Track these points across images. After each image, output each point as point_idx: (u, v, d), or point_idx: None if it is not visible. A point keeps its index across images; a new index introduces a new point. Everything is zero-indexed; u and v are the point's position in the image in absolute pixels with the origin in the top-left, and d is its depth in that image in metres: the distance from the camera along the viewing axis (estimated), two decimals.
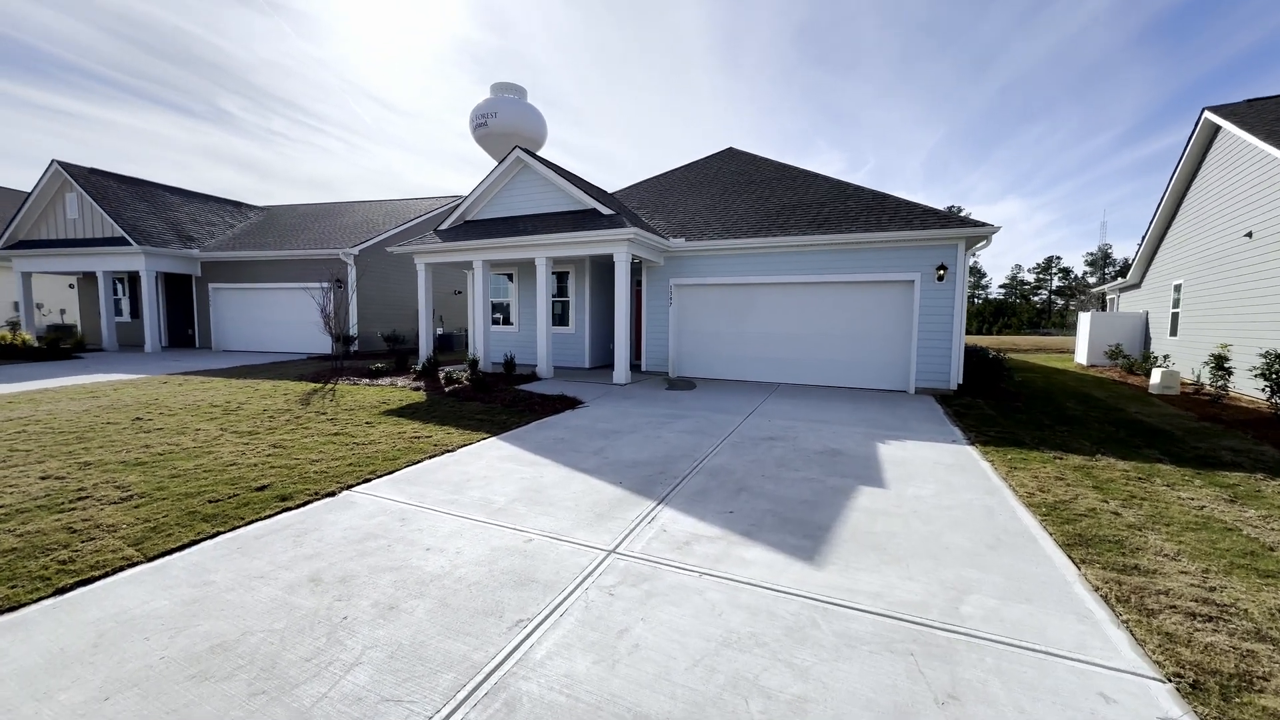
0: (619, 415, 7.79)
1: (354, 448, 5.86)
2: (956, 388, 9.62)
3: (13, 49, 45.32)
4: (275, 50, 68.73)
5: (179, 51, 54.36)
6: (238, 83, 71.28)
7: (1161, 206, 14.47)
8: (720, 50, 68.49)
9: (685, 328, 12.00)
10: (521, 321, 13.76)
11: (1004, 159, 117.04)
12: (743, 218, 11.82)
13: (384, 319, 17.68)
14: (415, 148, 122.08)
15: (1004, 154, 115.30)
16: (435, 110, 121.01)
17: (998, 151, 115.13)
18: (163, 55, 53.52)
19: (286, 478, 4.84)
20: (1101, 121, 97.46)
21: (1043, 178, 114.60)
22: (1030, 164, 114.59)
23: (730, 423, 7.32)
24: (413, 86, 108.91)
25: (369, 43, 78.53)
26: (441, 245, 11.81)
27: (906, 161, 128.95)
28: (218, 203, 21.16)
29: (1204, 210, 12.41)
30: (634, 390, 9.96)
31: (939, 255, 9.57)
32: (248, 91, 74.89)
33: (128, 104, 65.30)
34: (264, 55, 69.31)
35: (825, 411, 8.17)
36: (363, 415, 7.51)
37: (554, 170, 11.38)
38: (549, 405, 8.25)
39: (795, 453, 5.82)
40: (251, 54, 65.40)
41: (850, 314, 10.51)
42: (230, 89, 71.25)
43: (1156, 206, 14.73)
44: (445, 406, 8.21)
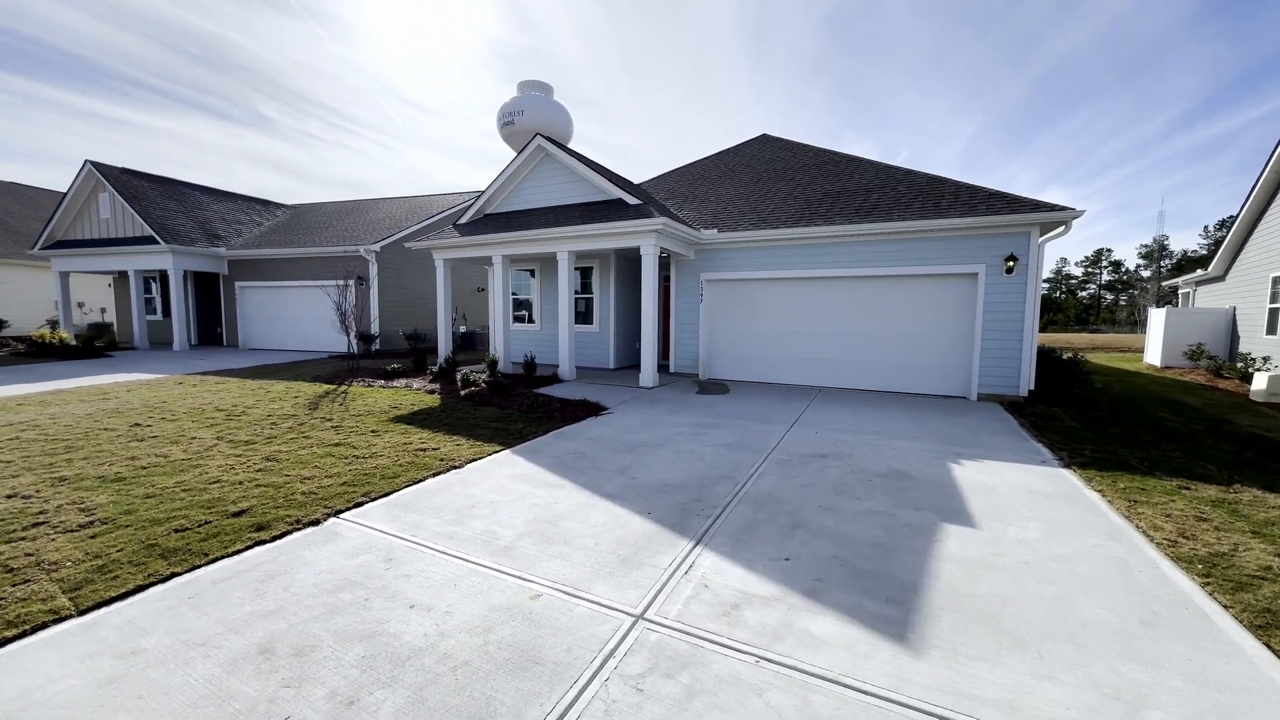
0: (646, 424, 7.03)
1: (352, 462, 5.26)
2: (1027, 394, 8.51)
3: (63, 59, 47.66)
4: (311, 54, 70.64)
5: (219, 59, 56.36)
6: (275, 87, 73.64)
7: (1255, 192, 12.85)
8: (747, 44, 66.88)
9: (717, 326, 11.15)
10: (544, 319, 13.14)
11: (1046, 147, 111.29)
12: (780, 207, 10.88)
13: (406, 317, 17.36)
14: (444, 147, 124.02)
15: (1046, 142, 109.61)
16: (463, 110, 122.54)
17: (1039, 139, 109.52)
18: (204, 62, 55.56)
19: (270, 500, 4.26)
20: (1154, 105, 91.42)
21: (1088, 166, 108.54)
22: (1075, 152, 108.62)
23: (772, 434, 6.48)
24: (442, 87, 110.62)
25: (400, 45, 79.83)
26: (459, 239, 11.26)
27: (941, 152, 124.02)
28: (245, 201, 21.27)
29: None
30: (662, 394, 9.19)
31: (1008, 244, 8.47)
32: (285, 96, 77.35)
33: (171, 110, 68.27)
34: (300, 60, 71.27)
35: (879, 421, 7.24)
36: (370, 422, 6.96)
37: (577, 158, 10.67)
38: (570, 412, 7.56)
39: (854, 475, 4.95)
40: (288, 59, 67.28)
41: (902, 311, 9.49)
42: (268, 94, 73.73)
43: (1248, 193, 13.11)
44: (458, 412, 7.61)
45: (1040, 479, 4.87)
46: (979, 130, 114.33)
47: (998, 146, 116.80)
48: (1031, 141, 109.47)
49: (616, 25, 68.47)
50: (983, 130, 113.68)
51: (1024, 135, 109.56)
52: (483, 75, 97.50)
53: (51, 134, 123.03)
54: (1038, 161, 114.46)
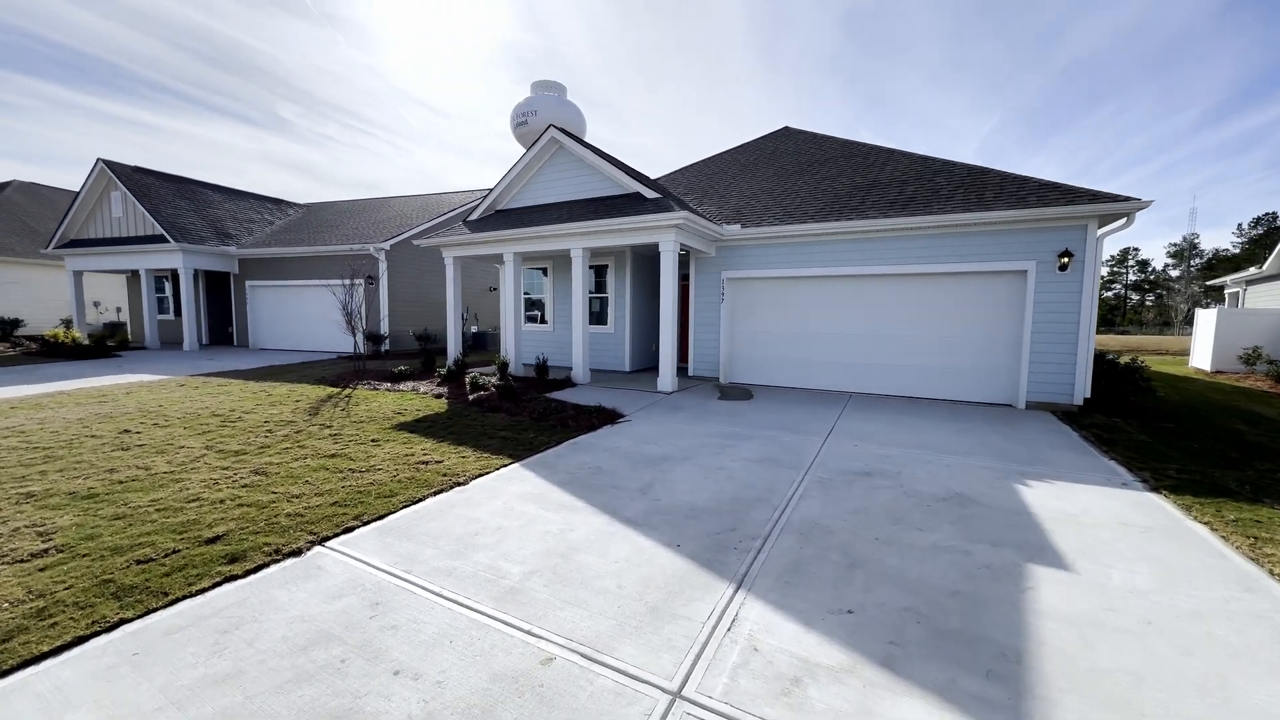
0: (668, 434, 6.48)
1: (348, 477, 4.78)
2: (1082, 403, 7.80)
3: (88, 63, 48.57)
4: (328, 59, 71.41)
5: (238, 63, 57.10)
6: (293, 91, 74.58)
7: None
8: (760, 42, 65.93)
9: (739, 327, 10.56)
10: (556, 320, 12.64)
11: (1066, 144, 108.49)
12: (806, 201, 10.25)
13: (416, 317, 17.00)
14: (458, 149, 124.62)
15: (1066, 139, 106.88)
16: (477, 111, 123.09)
17: (1059, 137, 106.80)
18: (224, 67, 56.34)
19: (250, 524, 3.78)
20: (1180, 100, 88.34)
21: (1111, 163, 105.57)
22: (1097, 149, 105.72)
23: (807, 447, 5.89)
24: (456, 89, 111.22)
25: (415, 48, 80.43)
26: (469, 236, 10.80)
27: (958, 150, 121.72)
28: (257, 200, 21.12)
29: None
30: (682, 400, 8.63)
31: (1061, 238, 7.76)
32: (302, 99, 78.30)
33: (192, 113, 69.37)
34: (318, 64, 72.03)
35: (922, 432, 6.60)
36: (371, 430, 6.50)
37: (592, 151, 10.15)
38: (584, 419, 7.03)
39: (909, 499, 4.35)
40: (306, 63, 68.04)
41: (942, 312, 8.81)
42: (287, 97, 74.64)
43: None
44: (466, 419, 7.12)
45: (1129, 506, 4.21)
46: (998, 127, 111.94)
47: (1018, 143, 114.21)
48: (1052, 138, 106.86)
49: (630, 25, 67.98)
50: (1002, 127, 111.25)
51: (1044, 132, 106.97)
52: (496, 77, 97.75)
53: (75, 137, 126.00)
54: (1059, 158, 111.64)
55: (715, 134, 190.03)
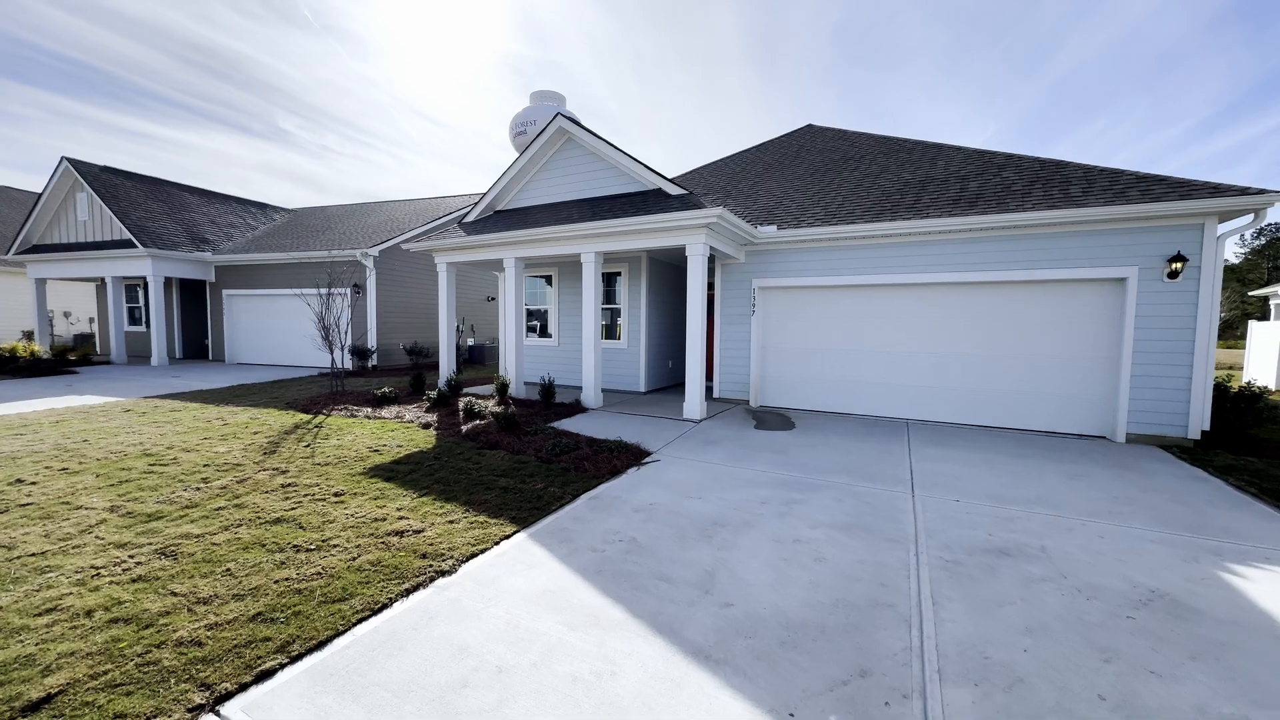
0: (710, 481, 5.14)
1: (288, 560, 3.43)
2: (1200, 436, 6.50)
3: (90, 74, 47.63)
4: (329, 70, 70.80)
5: (241, 75, 56.37)
6: (294, 102, 73.95)
7: None
8: (756, 53, 65.79)
9: (772, 343, 9.26)
10: (562, 333, 11.33)
11: (1062, 154, 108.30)
12: (849, 200, 9.01)
13: (407, 329, 15.68)
14: (458, 159, 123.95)
15: (1061, 150, 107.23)
16: (477, 122, 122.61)
17: (1054, 148, 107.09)
18: (226, 79, 55.65)
19: (113, 665, 2.42)
20: (1172, 113, 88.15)
21: None
22: (1092, 159, 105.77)
23: (896, 504, 4.56)
24: (456, 100, 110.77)
25: (415, 60, 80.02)
26: (465, 240, 9.52)
27: None
28: (240, 204, 19.85)
29: None
30: (714, 430, 7.30)
31: (1170, 239, 6.52)
32: (303, 110, 77.72)
33: (194, 124, 68.62)
34: (319, 76, 71.41)
35: (1024, 478, 5.28)
36: (336, 476, 5.14)
37: (605, 143, 8.91)
38: (604, 459, 5.69)
39: (1090, 602, 3.02)
40: (307, 75, 67.37)
41: (1017, 326, 7.53)
42: (288, 108, 74.03)
43: None
44: (458, 459, 5.77)
45: None
46: (992, 138, 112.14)
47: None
48: (1047, 149, 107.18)
49: (627, 36, 67.74)
50: (996, 137, 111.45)
51: (1039, 144, 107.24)
52: (495, 88, 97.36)
53: (79, 147, 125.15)
54: None
55: (715, 145, 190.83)
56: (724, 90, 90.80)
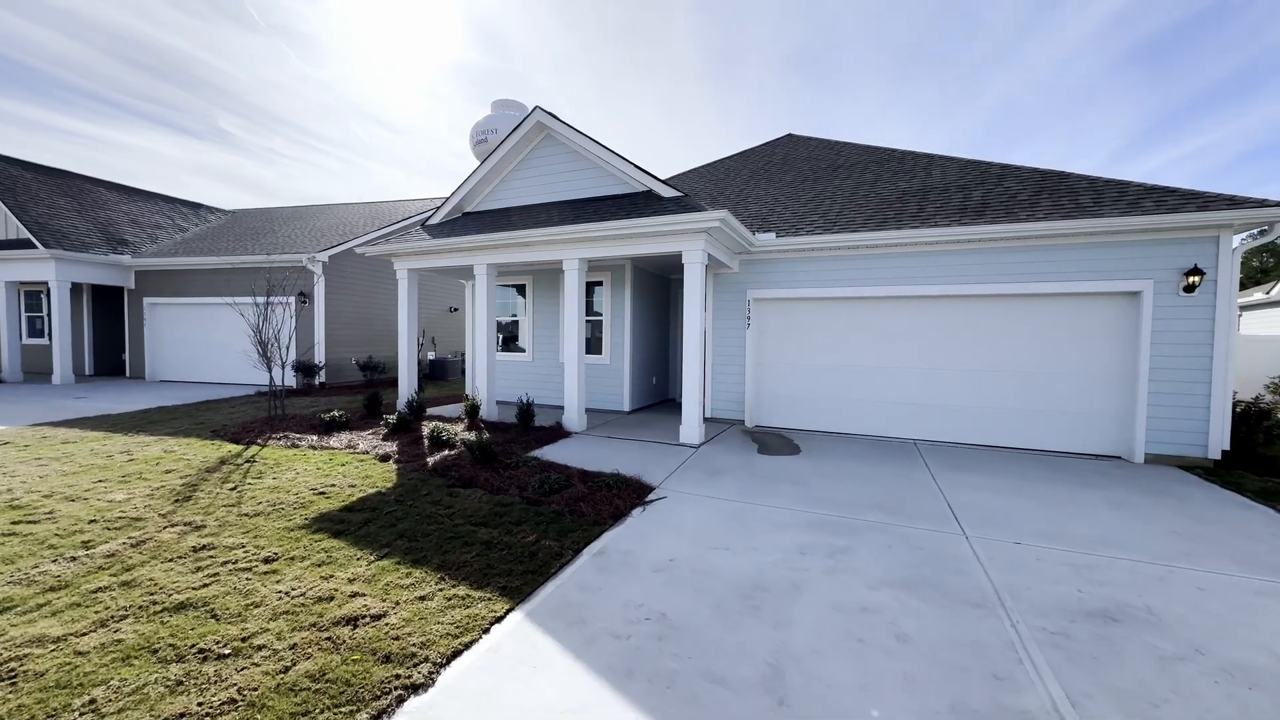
0: (731, 524, 4.38)
1: (191, 675, 2.42)
2: (1220, 456, 6.25)
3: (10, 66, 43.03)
4: (276, 71, 66.97)
5: (177, 72, 52.20)
6: (237, 103, 69.34)
7: None
8: (715, 73, 67.27)
9: (768, 359, 8.65)
10: (536, 347, 10.39)
11: None
12: (847, 208, 8.58)
13: (360, 342, 14.30)
14: (413, 167, 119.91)
15: None
16: (433, 130, 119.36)
17: None
18: (161, 75, 51.42)
19: None
20: (1089, 144, 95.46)
21: None
22: None
23: (953, 551, 3.92)
24: (411, 106, 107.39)
25: (368, 63, 77.04)
26: (430, 243, 8.50)
27: None
28: (168, 203, 17.90)
29: None
30: (716, 457, 6.56)
31: (1186, 252, 6.31)
32: (247, 112, 73.01)
33: (125, 122, 63.02)
34: (264, 76, 67.43)
35: (1067, 509, 4.78)
36: (270, 533, 4.07)
37: (589, 139, 8.14)
38: (601, 498, 4.83)
39: (1259, 697, 2.41)
40: (252, 75, 63.36)
41: (1026, 341, 7.19)
42: (230, 109, 69.21)
43: None
44: (425, 502, 4.77)
45: None
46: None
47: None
48: None
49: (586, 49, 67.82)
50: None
51: None
52: (453, 96, 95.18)
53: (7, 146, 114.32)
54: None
55: (681, 157, 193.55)
56: (686, 108, 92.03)
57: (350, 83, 78.47)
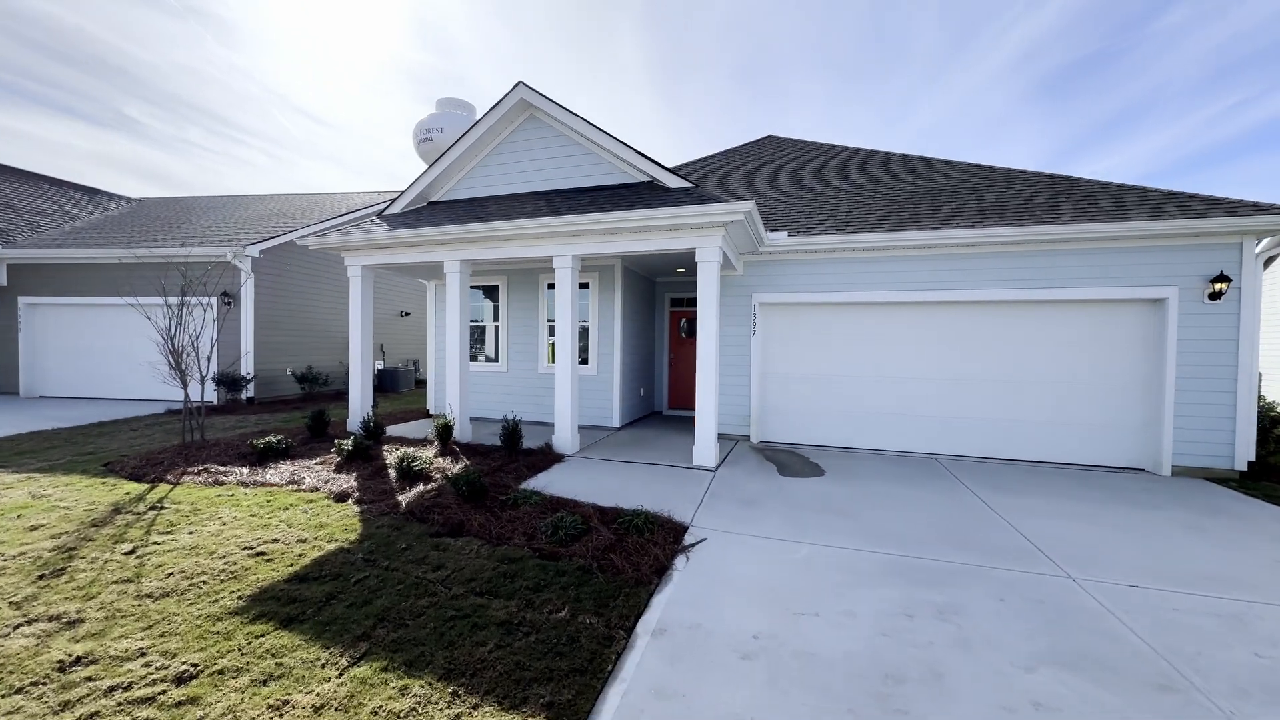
0: (801, 575, 3.57)
1: None
2: (1246, 467, 6.11)
3: None
4: (191, 56, 60.02)
5: (75, 52, 45.43)
6: (145, 88, 61.27)
7: None
8: (662, 83, 68.19)
9: (774, 368, 7.98)
10: (511, 356, 9.25)
11: None
12: (856, 208, 8.09)
13: (297, 350, 12.53)
14: (348, 164, 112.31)
15: None
16: (371, 127, 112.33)
17: None
18: (56, 55, 44.56)
19: None
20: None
21: None
22: None
23: (1077, 603, 3.29)
24: (346, 101, 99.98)
25: (298, 54, 70.95)
26: (391, 235, 7.25)
27: None
28: (54, 185, 15.24)
29: None
30: (739, 482, 5.76)
31: (1209, 258, 6.16)
32: (157, 98, 64.82)
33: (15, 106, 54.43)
34: (177, 61, 60.44)
35: (1158, 541, 4.32)
36: (186, 626, 2.85)
37: (583, 121, 7.20)
38: (632, 545, 3.89)
39: None
40: (163, 58, 56.51)
41: (1046, 349, 6.89)
42: (137, 94, 61.07)
43: None
44: (405, 563, 3.65)
45: None
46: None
47: None
48: None
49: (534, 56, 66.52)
50: None
51: None
52: (393, 92, 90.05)
53: None
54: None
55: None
56: (634, 118, 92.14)
57: (277, 73, 72.65)
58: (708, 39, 47.80)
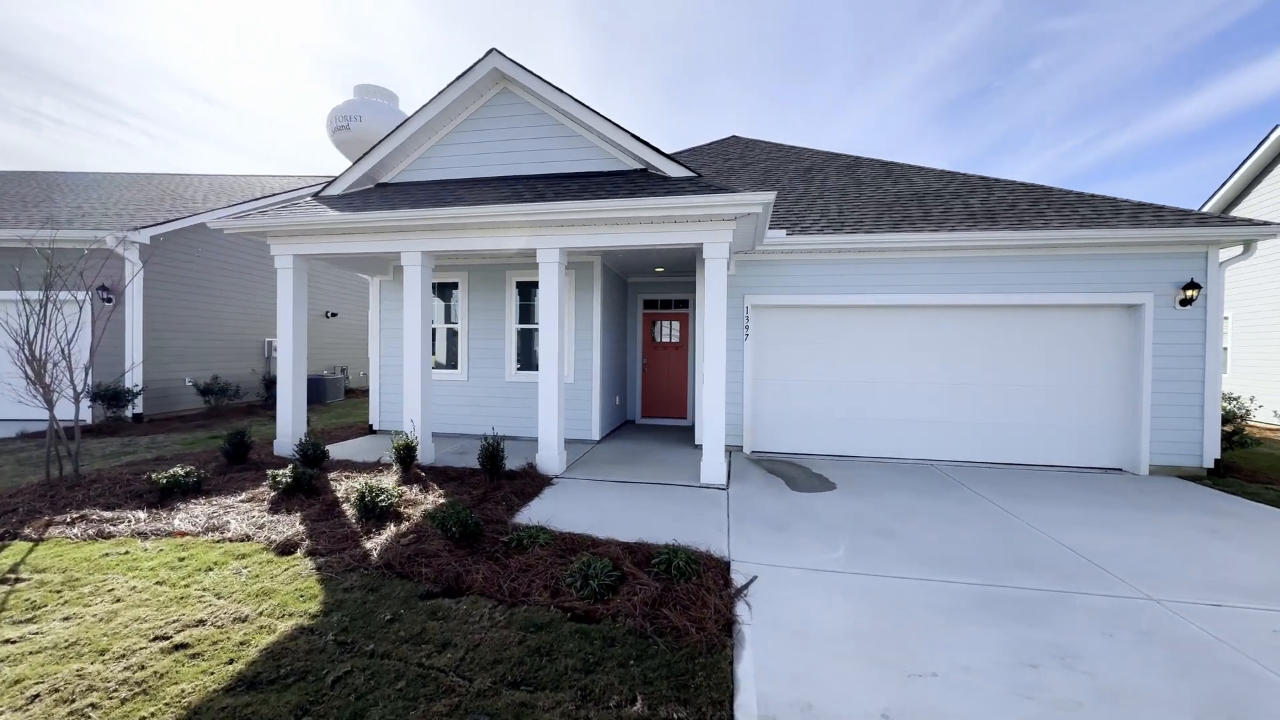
0: (885, 619, 3.06)
1: None
2: (1213, 464, 6.44)
3: None
4: (50, 18, 50.27)
5: None
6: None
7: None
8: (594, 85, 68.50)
9: (768, 373, 7.58)
10: (473, 363, 8.21)
11: None
12: (846, 209, 7.89)
13: (203, 356, 10.61)
14: (246, 150, 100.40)
15: None
16: (276, 112, 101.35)
17: None
18: None
19: None
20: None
21: None
22: None
23: (1184, 634, 3.02)
24: (242, 80, 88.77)
25: (187, 27, 62.18)
26: (334, 219, 6.06)
27: None
28: None
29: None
30: (754, 500, 5.23)
31: (1181, 267, 6.46)
32: (6, 62, 53.00)
33: None
34: (32, 21, 50.39)
35: (1192, 549, 4.26)
36: None
37: (568, 98, 6.40)
38: (683, 591, 3.21)
39: None
40: (15, 16, 46.52)
41: (1036, 353, 6.97)
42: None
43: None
44: (395, 645, 2.73)
45: None
46: None
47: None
48: None
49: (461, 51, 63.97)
50: None
51: None
52: (302, 78, 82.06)
53: None
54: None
55: None
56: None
57: (153, 42, 64.03)
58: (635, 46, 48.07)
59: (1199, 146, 53.79)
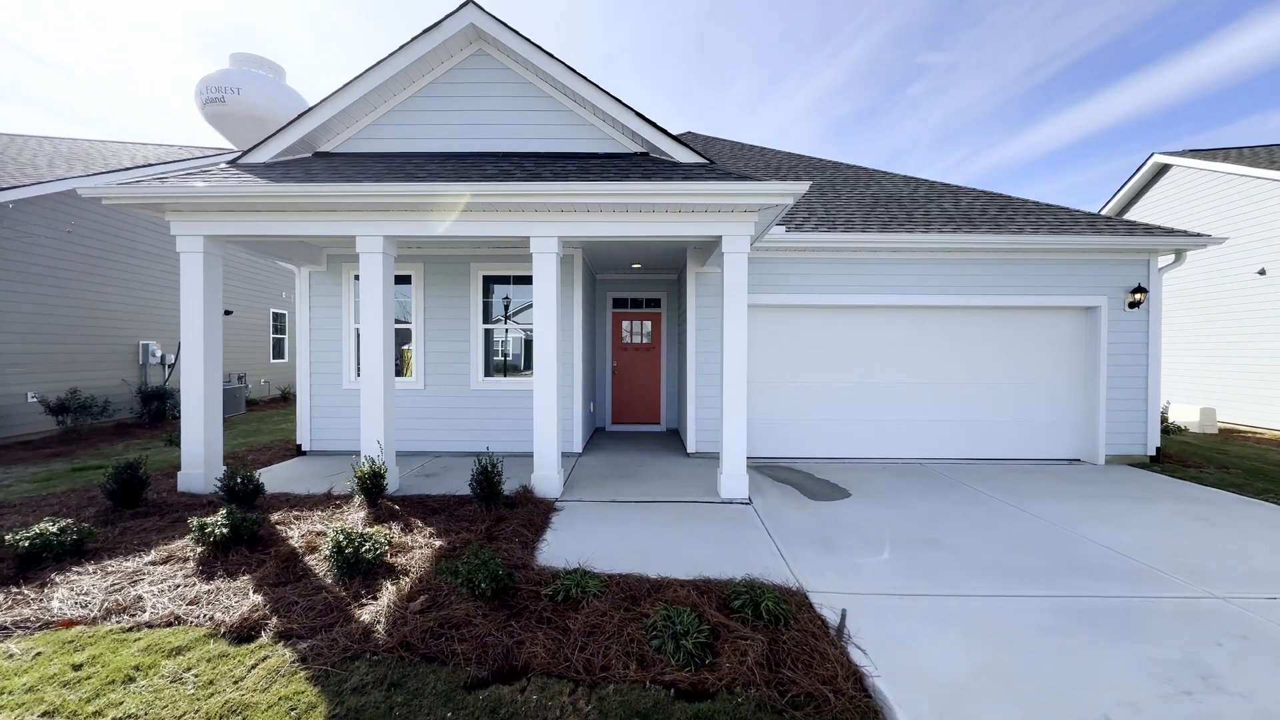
0: (999, 653, 2.77)
1: None
2: (1155, 453, 7.09)
3: None
4: None
5: None
6: None
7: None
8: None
9: (760, 376, 7.28)
10: (431, 369, 7.11)
11: None
12: (834, 208, 7.80)
13: (53, 364, 8.37)
14: (91, 120, 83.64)
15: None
16: (127, 75, 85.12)
17: None
18: None
19: None
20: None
21: None
22: None
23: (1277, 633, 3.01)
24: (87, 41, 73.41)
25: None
26: (264, 191, 4.81)
27: None
28: None
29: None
30: (783, 516, 4.85)
31: (1130, 273, 7.03)
32: None
33: None
34: None
35: (1179, 533, 4.49)
36: None
37: (562, 65, 5.61)
38: (790, 642, 2.70)
39: None
40: None
41: (1010, 353, 7.29)
42: None
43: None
44: None
45: None
46: None
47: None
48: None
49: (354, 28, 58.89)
50: None
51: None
52: (159, 36, 69.81)
53: None
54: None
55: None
56: None
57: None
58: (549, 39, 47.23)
59: (1053, 169, 63.14)
